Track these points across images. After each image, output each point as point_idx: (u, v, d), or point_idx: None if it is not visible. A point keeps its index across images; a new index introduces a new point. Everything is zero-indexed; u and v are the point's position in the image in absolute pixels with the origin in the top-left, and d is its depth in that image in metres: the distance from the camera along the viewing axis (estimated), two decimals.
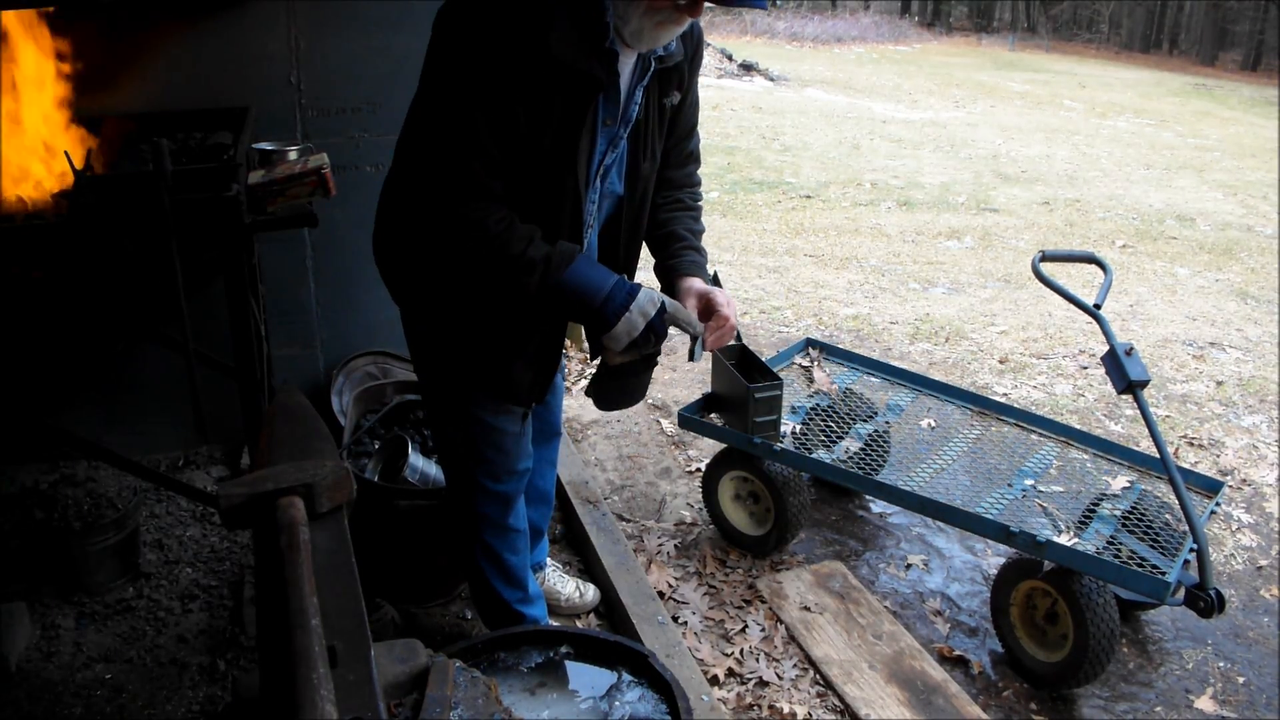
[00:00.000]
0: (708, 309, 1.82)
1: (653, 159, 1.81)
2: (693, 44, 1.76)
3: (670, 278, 1.90)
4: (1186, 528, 2.30)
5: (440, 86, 1.59)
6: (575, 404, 3.56)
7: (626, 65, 1.65)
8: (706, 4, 1.54)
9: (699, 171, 2.01)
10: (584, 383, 3.66)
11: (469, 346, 1.83)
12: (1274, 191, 8.41)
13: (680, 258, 1.90)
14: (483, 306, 1.76)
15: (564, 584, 2.49)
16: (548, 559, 2.51)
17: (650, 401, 3.72)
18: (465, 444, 1.94)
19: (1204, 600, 2.18)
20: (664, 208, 1.94)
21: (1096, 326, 2.41)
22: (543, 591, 2.35)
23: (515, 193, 1.63)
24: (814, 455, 2.66)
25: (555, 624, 2.36)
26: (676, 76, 1.76)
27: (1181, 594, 2.21)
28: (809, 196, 7.64)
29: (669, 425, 3.52)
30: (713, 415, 2.84)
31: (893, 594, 2.68)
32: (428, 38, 1.60)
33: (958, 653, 2.45)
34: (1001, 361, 4.30)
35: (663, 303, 1.71)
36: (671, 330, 1.75)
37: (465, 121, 1.56)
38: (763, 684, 2.30)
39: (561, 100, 1.58)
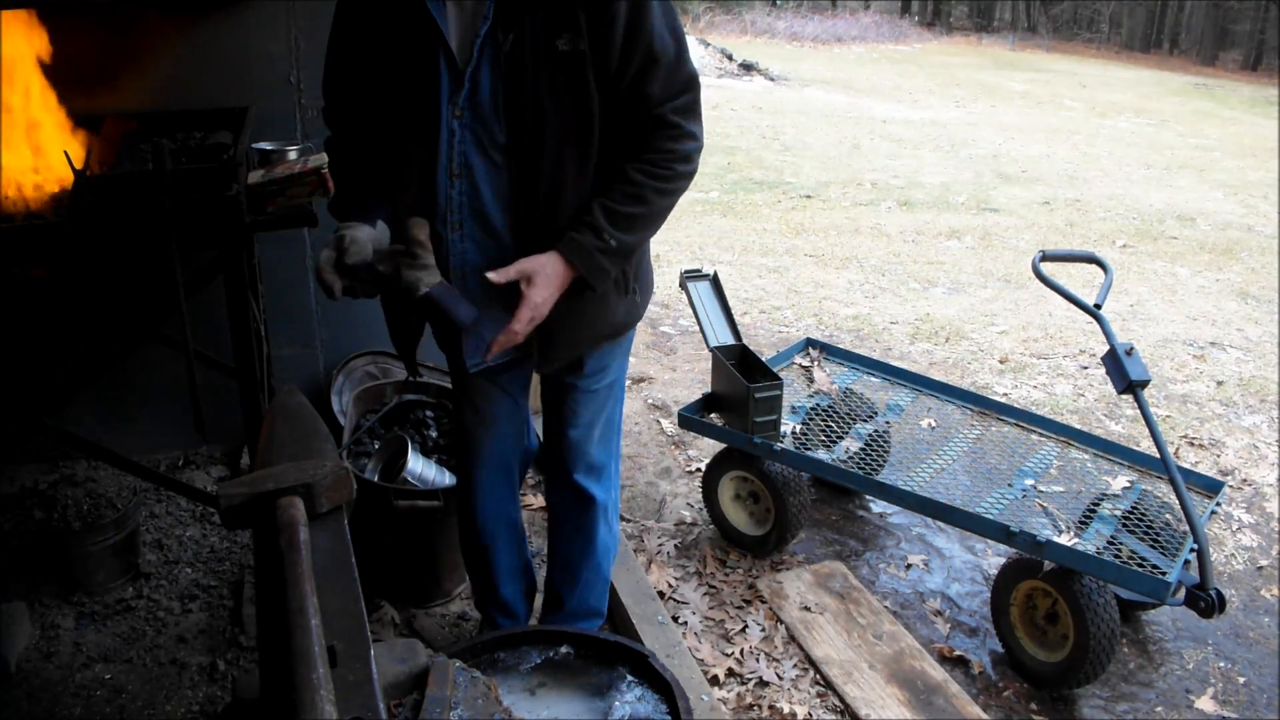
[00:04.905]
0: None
1: (538, 109, 1.62)
2: None
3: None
4: (1187, 528, 2.30)
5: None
6: None
7: (465, 8, 1.63)
8: None
9: (684, 146, 1.70)
10: None
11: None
12: (1274, 191, 8.40)
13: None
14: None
15: None
16: None
17: (650, 401, 3.72)
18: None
19: (1204, 600, 2.18)
20: (607, 180, 1.72)
21: (1097, 326, 2.41)
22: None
23: (383, 125, 1.74)
24: (814, 455, 2.66)
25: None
26: (567, 17, 1.59)
27: (1182, 594, 2.21)
28: (809, 196, 7.63)
29: (669, 425, 3.52)
30: (713, 415, 2.84)
31: (893, 594, 2.67)
32: None
33: (958, 653, 2.45)
34: (1001, 361, 4.29)
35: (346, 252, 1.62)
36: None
37: (331, 47, 1.78)
38: (763, 684, 2.30)
39: (406, 43, 1.66)
